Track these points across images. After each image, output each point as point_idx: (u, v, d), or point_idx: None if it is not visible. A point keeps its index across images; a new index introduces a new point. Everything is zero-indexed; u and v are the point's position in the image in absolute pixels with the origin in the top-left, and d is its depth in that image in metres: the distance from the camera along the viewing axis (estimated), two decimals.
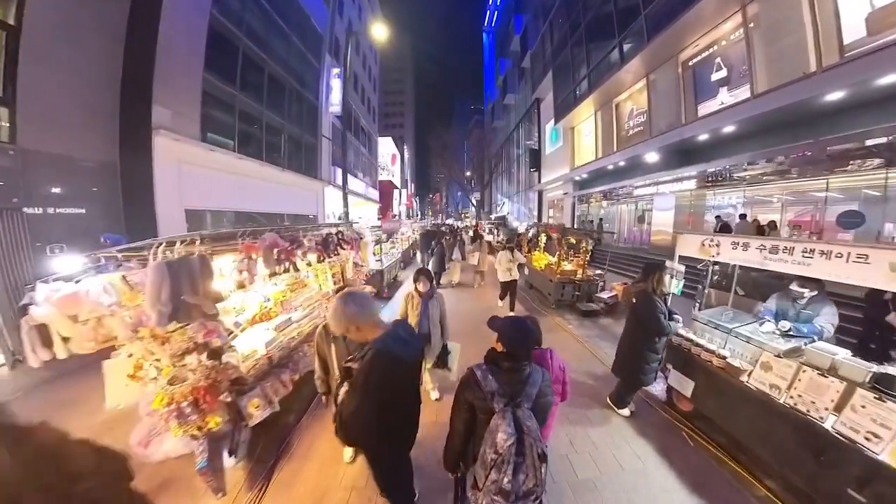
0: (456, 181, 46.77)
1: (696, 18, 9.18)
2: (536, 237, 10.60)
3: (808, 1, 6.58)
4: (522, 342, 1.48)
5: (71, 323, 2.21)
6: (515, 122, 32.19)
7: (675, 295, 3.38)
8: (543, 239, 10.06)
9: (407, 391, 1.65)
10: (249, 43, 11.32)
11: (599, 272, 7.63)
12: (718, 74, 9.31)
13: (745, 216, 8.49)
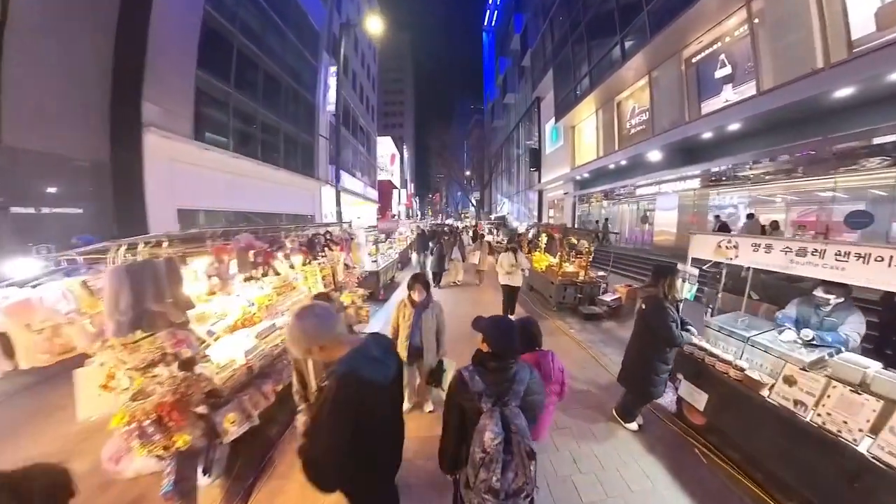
0: (456, 181, 46.72)
1: (699, 14, 9.08)
2: (537, 237, 10.38)
3: None
4: (507, 341, 1.48)
5: (25, 332, 2.01)
6: (515, 121, 31.99)
7: (686, 300, 3.16)
8: (544, 239, 9.84)
9: (385, 419, 1.38)
10: (244, 40, 11.11)
11: (602, 274, 7.41)
12: (723, 71, 9.19)
13: (752, 215, 8.28)
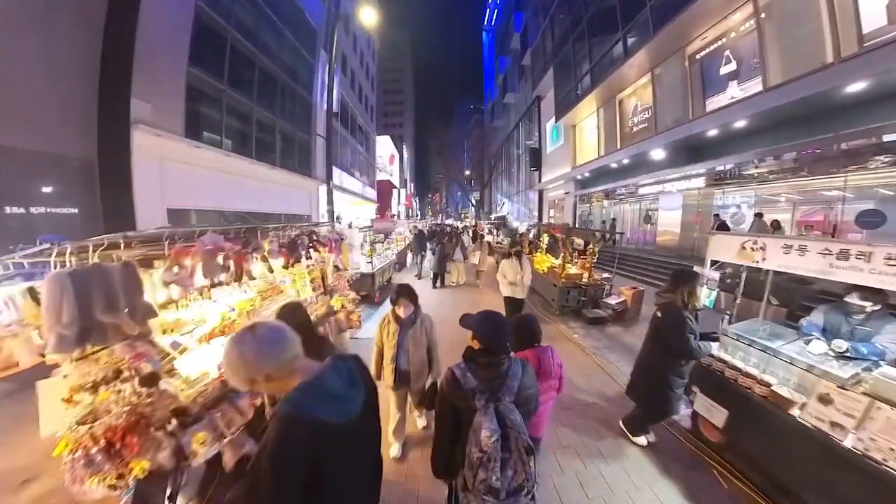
0: (455, 181, 46.50)
1: (703, 9, 8.88)
2: (538, 238, 10.12)
3: None
4: (497, 336, 1.46)
5: None
6: (515, 120, 31.74)
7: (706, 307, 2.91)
8: (545, 240, 9.59)
9: (351, 469, 1.05)
10: (239, 36, 10.87)
11: (607, 276, 7.15)
12: (728, 68, 8.97)
13: (760, 215, 8.04)
